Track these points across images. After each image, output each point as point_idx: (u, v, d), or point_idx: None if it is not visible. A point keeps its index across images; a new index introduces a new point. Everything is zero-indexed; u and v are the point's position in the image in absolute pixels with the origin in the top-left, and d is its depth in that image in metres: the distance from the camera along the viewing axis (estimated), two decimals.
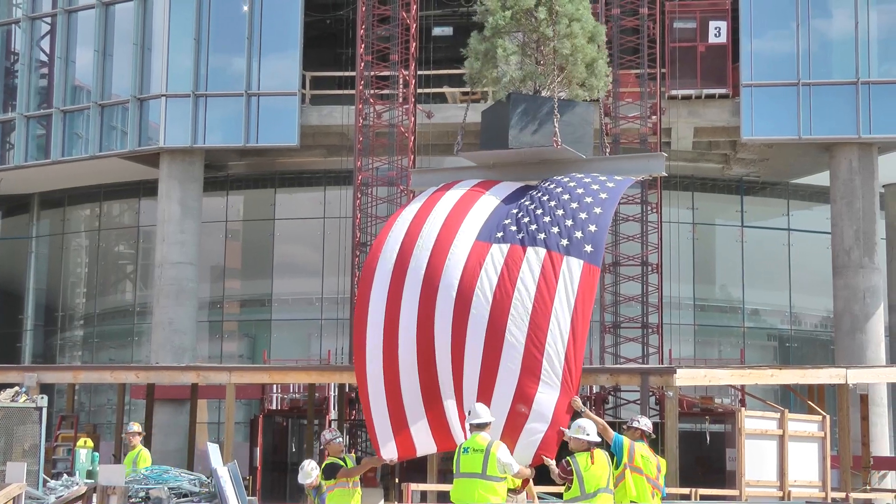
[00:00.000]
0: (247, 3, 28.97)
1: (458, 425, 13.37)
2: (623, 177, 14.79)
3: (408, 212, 14.55)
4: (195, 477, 16.34)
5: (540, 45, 15.52)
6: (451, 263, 13.50)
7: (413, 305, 13.57)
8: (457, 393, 13.24)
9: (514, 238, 13.49)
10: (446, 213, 14.14)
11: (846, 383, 19.13)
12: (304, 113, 28.78)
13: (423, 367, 13.49)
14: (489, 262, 13.34)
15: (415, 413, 13.57)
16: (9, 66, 32.39)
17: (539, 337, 12.80)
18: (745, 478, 17.21)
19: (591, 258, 13.18)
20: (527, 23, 15.55)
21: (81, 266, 35.49)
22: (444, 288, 13.41)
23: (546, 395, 12.67)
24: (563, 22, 15.28)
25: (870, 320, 27.30)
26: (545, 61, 15.55)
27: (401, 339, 13.58)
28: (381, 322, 13.72)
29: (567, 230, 13.34)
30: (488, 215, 14.09)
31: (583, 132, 15.77)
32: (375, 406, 13.69)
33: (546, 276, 13.08)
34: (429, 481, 18.16)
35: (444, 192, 14.75)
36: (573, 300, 12.93)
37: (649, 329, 27.53)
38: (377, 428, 13.72)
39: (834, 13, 28.15)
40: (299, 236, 32.59)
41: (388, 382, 13.58)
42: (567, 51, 15.33)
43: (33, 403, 16.57)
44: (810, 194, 32.54)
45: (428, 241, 13.83)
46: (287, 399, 27.89)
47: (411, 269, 13.73)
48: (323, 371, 23.38)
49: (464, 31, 32.97)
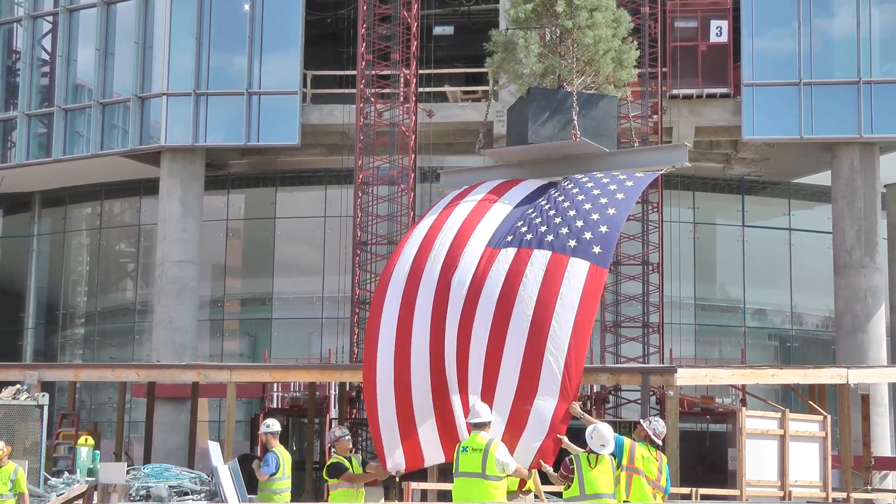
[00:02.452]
0: (248, 2, 28.97)
1: (465, 432, 13.29)
2: (644, 173, 14.63)
3: (424, 223, 14.54)
4: (196, 475, 16.37)
5: (562, 37, 15.46)
6: (462, 270, 13.46)
7: (426, 313, 13.51)
8: (463, 399, 13.20)
9: (521, 241, 13.39)
10: (460, 222, 14.08)
11: (847, 383, 19.11)
12: (304, 112, 28.77)
13: (434, 375, 13.41)
14: (495, 268, 13.28)
15: (424, 420, 13.45)
16: (10, 65, 32.40)
17: (539, 342, 12.69)
18: (745, 477, 17.19)
19: (598, 260, 13.01)
20: (547, 15, 15.48)
21: (82, 264, 35.50)
22: (455, 295, 13.37)
23: (544, 403, 12.58)
24: (583, 14, 15.21)
25: (871, 320, 27.29)
26: (567, 54, 15.49)
27: (413, 348, 13.50)
28: (393, 331, 13.65)
29: (577, 231, 13.20)
30: (500, 221, 14.02)
31: (606, 126, 15.64)
32: (384, 413, 13.54)
33: (549, 279, 12.94)
34: (429, 480, 18.15)
35: (460, 200, 14.70)
36: (577, 302, 12.79)
37: (650, 328, 27.51)
38: (384, 436, 13.55)
39: (835, 12, 28.13)
40: (300, 235, 32.59)
41: (399, 389, 13.44)
42: (589, 40, 15.24)
43: (34, 401, 16.60)
44: (812, 194, 32.52)
45: (441, 251, 13.81)
46: (288, 398, 27.87)
47: (424, 278, 13.69)
48: (323, 370, 23.36)
49: (464, 31, 33.23)
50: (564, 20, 15.21)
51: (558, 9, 15.22)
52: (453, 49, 32.94)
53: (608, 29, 15.48)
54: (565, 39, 15.40)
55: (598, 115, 15.49)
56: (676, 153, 16.04)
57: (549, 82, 15.74)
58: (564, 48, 15.52)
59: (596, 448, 11.40)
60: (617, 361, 27.15)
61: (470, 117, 29.14)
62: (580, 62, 15.32)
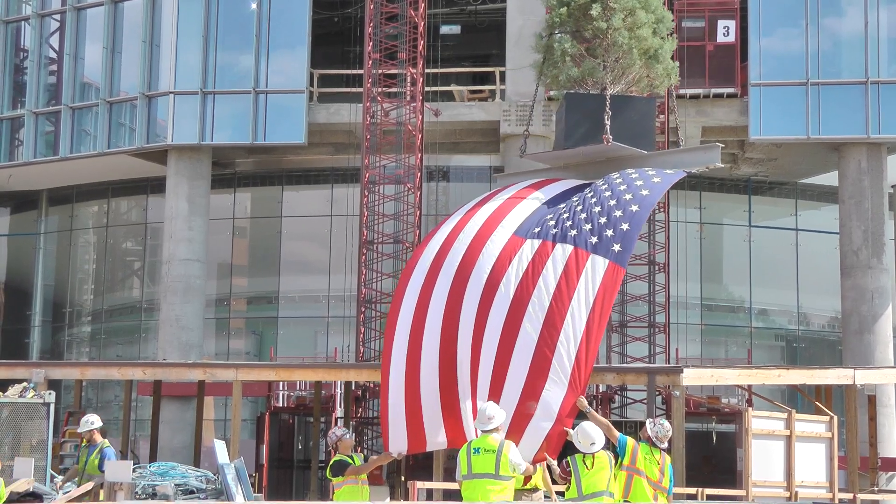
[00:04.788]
0: (255, 1, 28.99)
1: (471, 420, 13.36)
2: (674, 170, 14.67)
3: (457, 214, 14.67)
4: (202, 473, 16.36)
5: (602, 40, 15.47)
6: (485, 257, 13.57)
7: (442, 298, 13.64)
8: (472, 387, 13.24)
9: (547, 234, 13.51)
10: (489, 213, 14.21)
11: (854, 384, 19.09)
12: (311, 110, 28.79)
13: (444, 358, 13.50)
14: (518, 258, 13.39)
15: (431, 403, 13.55)
16: (18, 63, 32.45)
17: (552, 335, 12.77)
18: (751, 478, 17.17)
19: (617, 258, 13.10)
20: (583, 19, 15.51)
21: (89, 262, 35.55)
22: (474, 281, 13.48)
23: (553, 393, 12.66)
24: (619, 16, 15.23)
25: (878, 321, 27.23)
26: (605, 56, 15.52)
27: (426, 330, 13.62)
28: (410, 314, 13.81)
29: (599, 228, 13.28)
30: (531, 213, 14.14)
31: (643, 127, 15.66)
32: (393, 395, 13.69)
33: (568, 273, 13.04)
34: (434, 479, 18.15)
35: (494, 195, 14.84)
36: (592, 299, 12.87)
37: (656, 328, 27.48)
38: (391, 417, 13.69)
39: (843, 13, 28.07)
40: (306, 234, 32.61)
41: (409, 372, 13.59)
42: (623, 39, 15.25)
43: (41, 399, 16.61)
44: (818, 194, 32.47)
45: (466, 237, 13.93)
46: (293, 396, 27.88)
47: (446, 263, 13.87)
48: (329, 368, 23.38)
49: (471, 30, 33.24)
50: (599, 22, 15.22)
51: (593, 12, 15.24)
52: (460, 48, 32.96)
53: (648, 28, 15.47)
54: (601, 42, 15.41)
55: (635, 117, 15.50)
56: (710, 154, 16.07)
57: (590, 86, 15.78)
58: (601, 51, 15.53)
59: (586, 448, 11.38)
60: (623, 361, 27.14)
61: (476, 116, 29.16)
62: (616, 64, 15.32)
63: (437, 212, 30.81)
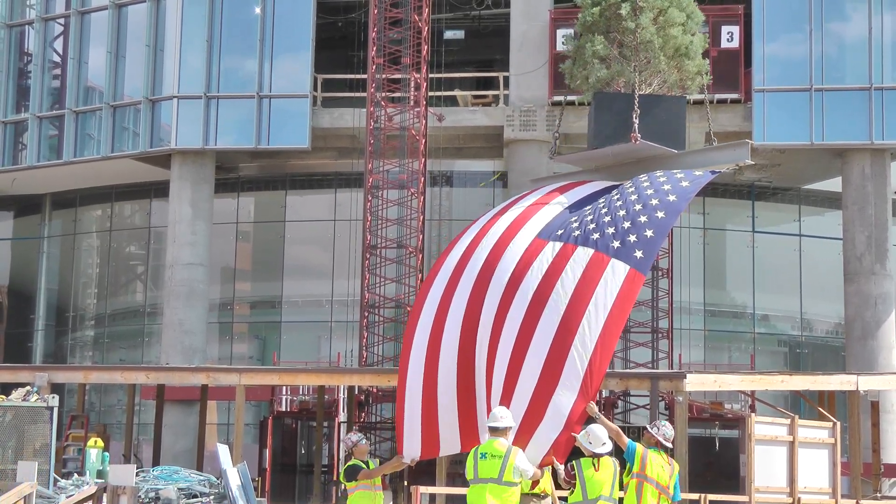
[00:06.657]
0: (259, 6, 29.03)
1: (485, 423, 13.31)
2: (702, 172, 14.51)
3: (483, 218, 14.61)
4: (205, 478, 16.39)
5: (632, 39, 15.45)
6: (507, 260, 13.47)
7: (462, 302, 13.54)
8: (487, 390, 13.20)
9: (569, 236, 13.37)
10: (513, 217, 14.12)
11: (857, 390, 19.07)
12: (315, 115, 28.82)
13: (462, 361, 13.40)
14: (539, 260, 13.26)
15: (448, 408, 13.44)
16: (22, 67, 32.51)
17: (566, 339, 12.65)
18: (754, 484, 17.16)
19: (638, 265, 12.87)
20: (614, 19, 15.50)
21: (92, 266, 35.57)
22: (495, 284, 13.40)
23: (564, 398, 12.57)
24: (648, 15, 15.20)
25: (881, 327, 27.21)
26: (634, 56, 15.49)
27: (445, 333, 13.52)
28: (431, 319, 13.70)
29: (622, 232, 13.09)
30: (556, 215, 14.03)
31: (673, 126, 15.53)
32: (410, 401, 13.57)
33: (587, 277, 12.88)
34: (437, 484, 18.14)
35: (522, 197, 14.74)
36: (610, 304, 12.72)
37: (659, 334, 27.47)
38: (406, 423, 13.57)
39: (847, 18, 28.08)
40: (310, 238, 32.62)
41: (427, 377, 13.46)
42: (650, 37, 15.23)
43: (44, 403, 16.62)
44: (822, 200, 32.45)
45: (489, 242, 13.87)
46: (296, 401, 27.90)
47: (468, 268, 13.75)
48: (332, 373, 23.40)
49: (475, 35, 33.25)
50: (628, 21, 15.21)
51: (622, 11, 15.24)
52: (464, 53, 32.99)
53: (678, 27, 15.44)
54: (630, 42, 15.39)
55: (665, 117, 15.37)
56: (740, 151, 15.97)
57: (621, 86, 15.77)
58: (630, 50, 15.51)
59: (598, 449, 11.38)
60: (626, 366, 27.12)
61: (480, 121, 29.18)
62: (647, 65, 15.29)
63: (440, 216, 30.82)
